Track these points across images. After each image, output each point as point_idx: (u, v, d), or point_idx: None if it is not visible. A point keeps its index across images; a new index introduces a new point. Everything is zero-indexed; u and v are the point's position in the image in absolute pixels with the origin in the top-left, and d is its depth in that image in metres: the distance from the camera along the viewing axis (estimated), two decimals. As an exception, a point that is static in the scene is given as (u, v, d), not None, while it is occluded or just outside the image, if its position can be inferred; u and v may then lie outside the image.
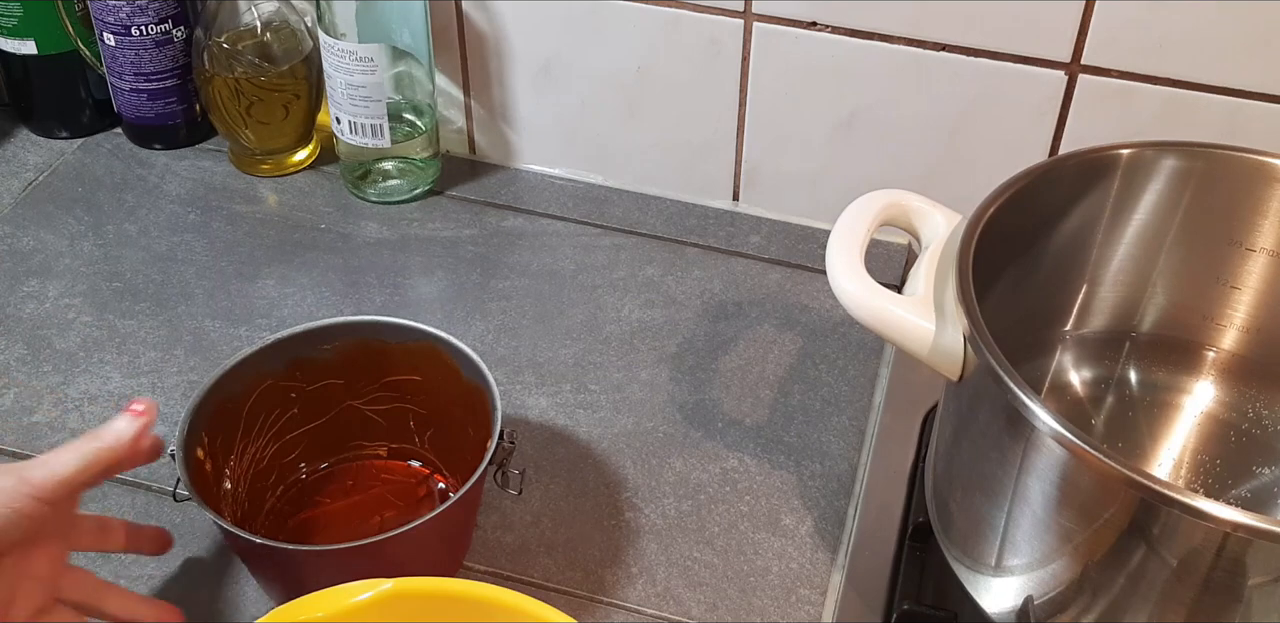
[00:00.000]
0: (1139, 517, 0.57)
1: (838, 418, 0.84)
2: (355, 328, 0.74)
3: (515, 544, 0.76)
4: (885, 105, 0.90)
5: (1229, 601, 0.57)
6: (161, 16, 0.96)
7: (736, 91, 0.93)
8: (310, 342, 0.74)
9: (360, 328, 0.74)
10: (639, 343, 0.89)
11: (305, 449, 0.77)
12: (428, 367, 0.74)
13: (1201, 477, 0.72)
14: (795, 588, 0.74)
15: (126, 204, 0.99)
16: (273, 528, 0.75)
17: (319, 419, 0.76)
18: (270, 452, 0.75)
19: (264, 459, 0.75)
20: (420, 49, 0.94)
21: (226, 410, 0.71)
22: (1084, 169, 0.71)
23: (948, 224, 0.70)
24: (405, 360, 0.74)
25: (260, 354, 0.72)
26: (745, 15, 0.89)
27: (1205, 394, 0.76)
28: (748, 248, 0.97)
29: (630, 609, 0.73)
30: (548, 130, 1.01)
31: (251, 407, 0.73)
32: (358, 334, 0.74)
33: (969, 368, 0.63)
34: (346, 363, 0.75)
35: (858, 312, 0.66)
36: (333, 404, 0.76)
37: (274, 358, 0.73)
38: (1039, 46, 0.84)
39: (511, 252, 0.96)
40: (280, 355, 0.73)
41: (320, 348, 0.74)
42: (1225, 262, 0.74)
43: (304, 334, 0.73)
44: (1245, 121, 0.83)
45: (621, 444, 0.82)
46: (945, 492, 0.70)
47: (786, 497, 0.79)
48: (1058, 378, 0.77)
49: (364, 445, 0.78)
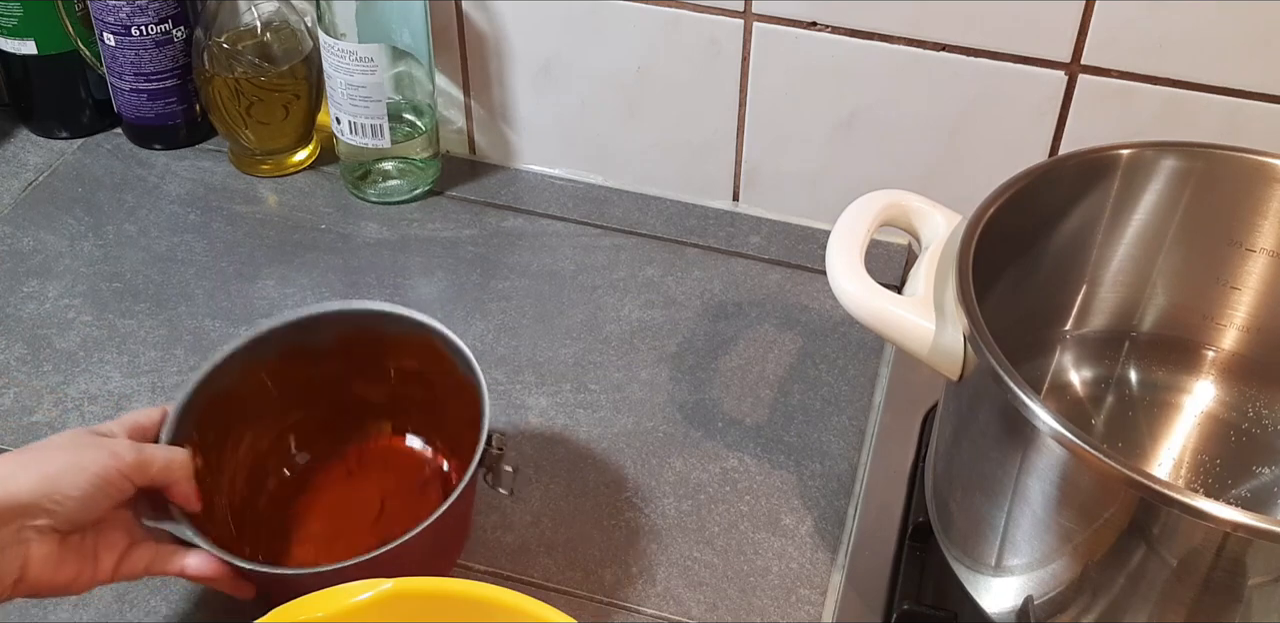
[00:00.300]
0: (1139, 517, 0.57)
1: (838, 418, 0.84)
2: (350, 317, 0.73)
3: (515, 544, 0.76)
4: (885, 105, 0.90)
5: (1229, 601, 0.57)
6: (161, 16, 0.96)
7: (736, 91, 0.93)
8: (304, 331, 0.73)
9: (356, 318, 0.73)
10: (639, 343, 0.89)
11: (306, 435, 0.76)
12: (425, 356, 0.73)
13: (1201, 477, 0.72)
14: (795, 588, 0.74)
15: (126, 204, 0.99)
16: (273, 514, 0.74)
17: (318, 406, 0.76)
18: (269, 439, 0.75)
19: (264, 446, 0.74)
20: (420, 49, 0.94)
21: (219, 404, 0.71)
22: (1084, 169, 0.71)
23: (948, 224, 0.70)
24: (403, 349, 0.74)
25: (251, 347, 0.72)
26: (745, 15, 0.89)
27: (1205, 394, 0.76)
28: (748, 248, 0.97)
29: (630, 609, 0.73)
30: (548, 130, 1.01)
31: (246, 398, 0.72)
32: (353, 324, 0.73)
33: (969, 368, 0.63)
34: (342, 350, 0.74)
35: (858, 312, 0.66)
36: (331, 390, 0.75)
37: (265, 349, 0.72)
38: (1039, 46, 0.84)
39: (511, 252, 0.96)
40: (272, 346, 0.72)
41: (314, 337, 0.73)
42: (1225, 262, 0.74)
43: (296, 324, 0.73)
44: (1245, 121, 0.83)
45: (621, 444, 0.82)
46: (945, 492, 0.70)
47: (786, 497, 0.79)
48: (1058, 378, 0.77)
49: (367, 426, 0.77)
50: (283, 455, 0.76)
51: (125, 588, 0.73)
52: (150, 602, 0.73)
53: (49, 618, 0.71)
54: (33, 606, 0.72)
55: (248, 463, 0.74)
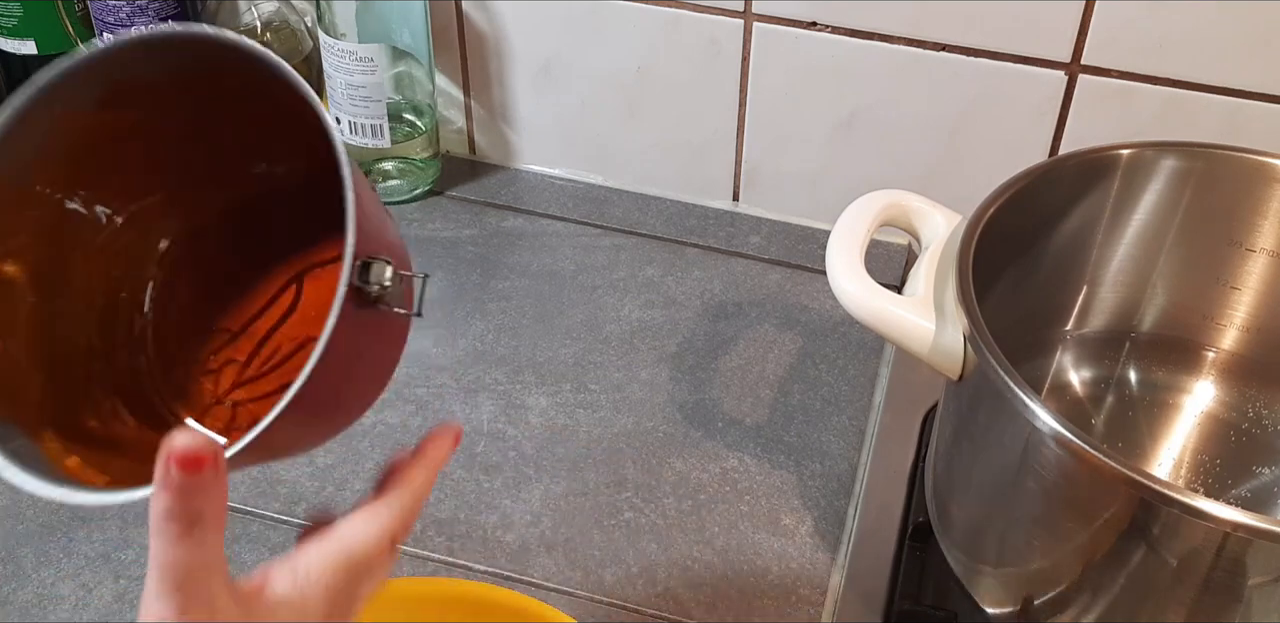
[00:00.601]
0: (1139, 517, 0.57)
1: (838, 418, 0.84)
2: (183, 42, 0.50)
3: (515, 544, 0.76)
4: (885, 105, 0.90)
5: (1229, 601, 0.57)
6: (161, 16, 0.96)
7: (736, 91, 0.93)
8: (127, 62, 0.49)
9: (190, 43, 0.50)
10: (639, 343, 0.89)
11: (168, 210, 0.54)
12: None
13: (1201, 477, 0.72)
14: (795, 588, 0.74)
15: (126, 204, 0.99)
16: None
17: (172, 166, 0.53)
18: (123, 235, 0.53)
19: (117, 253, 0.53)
20: (420, 49, 0.94)
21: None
22: (1084, 169, 0.71)
23: (948, 224, 0.70)
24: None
25: (56, 91, 0.49)
26: (745, 15, 0.89)
27: (1205, 394, 0.76)
28: (748, 248, 0.97)
29: (630, 609, 0.73)
30: (548, 130, 1.01)
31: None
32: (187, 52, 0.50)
33: (969, 368, 0.63)
34: (181, 84, 0.51)
35: (858, 312, 0.66)
36: (186, 137, 0.52)
37: (80, 91, 0.49)
38: (1039, 46, 0.84)
39: (511, 252, 0.96)
40: (89, 86, 0.49)
41: (144, 69, 0.50)
42: (1225, 262, 0.74)
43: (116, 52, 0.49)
44: (1245, 121, 0.83)
45: (621, 444, 0.82)
46: (945, 492, 0.70)
47: (786, 497, 0.79)
48: (1058, 378, 0.77)
49: (253, 170, 0.55)
50: (143, 253, 0.55)
51: (125, 588, 0.73)
52: (150, 602, 0.72)
53: (49, 618, 0.72)
54: (33, 606, 0.72)
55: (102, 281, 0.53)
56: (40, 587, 0.73)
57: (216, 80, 0.50)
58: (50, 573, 0.74)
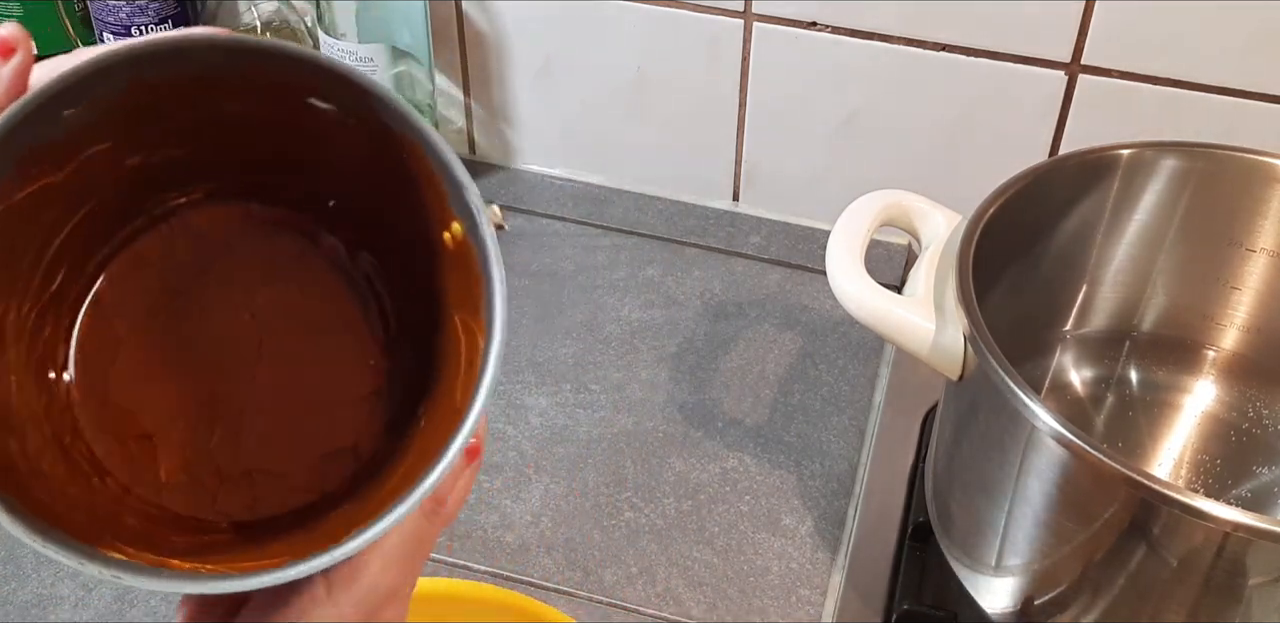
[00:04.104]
0: (1139, 517, 0.57)
1: (838, 418, 0.84)
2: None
3: (515, 544, 0.76)
4: (885, 105, 0.90)
5: (1229, 601, 0.57)
6: (161, 16, 0.96)
7: (736, 91, 0.93)
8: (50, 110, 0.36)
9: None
10: (639, 343, 0.89)
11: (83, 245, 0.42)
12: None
13: (1201, 477, 0.72)
14: (795, 588, 0.74)
15: (126, 204, 0.99)
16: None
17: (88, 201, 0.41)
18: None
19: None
20: (420, 49, 0.94)
21: None
22: (1084, 169, 0.71)
23: (948, 224, 0.70)
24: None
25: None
26: (745, 15, 0.89)
27: (1205, 394, 0.76)
28: (748, 248, 0.97)
29: (630, 609, 0.73)
30: (547, 130, 1.01)
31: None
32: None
33: (969, 368, 0.63)
34: (113, 114, 0.38)
35: (858, 312, 0.66)
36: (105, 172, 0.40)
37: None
38: (1039, 46, 0.84)
39: (511, 252, 0.96)
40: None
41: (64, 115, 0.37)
42: (1225, 262, 0.74)
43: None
44: (1245, 121, 0.83)
45: (621, 444, 0.82)
46: (945, 492, 0.70)
47: (786, 497, 0.79)
48: (1058, 378, 0.77)
49: (173, 199, 0.43)
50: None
51: (125, 588, 0.73)
52: (150, 601, 0.73)
53: (49, 618, 0.72)
54: (32, 606, 0.72)
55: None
56: (40, 587, 0.73)
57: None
58: (50, 573, 0.74)
